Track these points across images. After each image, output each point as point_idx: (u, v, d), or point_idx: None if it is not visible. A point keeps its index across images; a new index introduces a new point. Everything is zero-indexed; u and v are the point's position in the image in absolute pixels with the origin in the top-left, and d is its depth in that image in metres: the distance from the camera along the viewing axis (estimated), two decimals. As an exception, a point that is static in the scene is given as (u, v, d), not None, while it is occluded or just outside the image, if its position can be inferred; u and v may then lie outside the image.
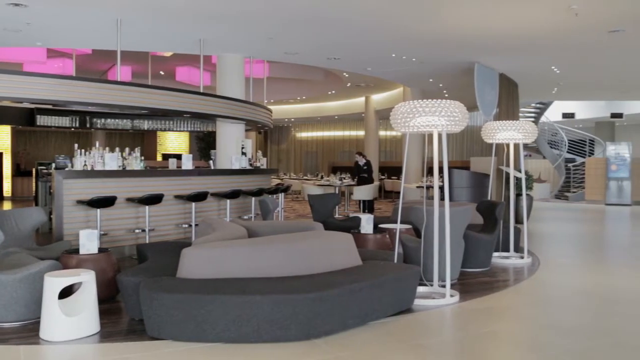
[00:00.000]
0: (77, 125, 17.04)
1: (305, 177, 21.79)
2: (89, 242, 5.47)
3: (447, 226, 5.62)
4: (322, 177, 19.38)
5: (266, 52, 11.47)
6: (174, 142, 25.63)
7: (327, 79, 17.10)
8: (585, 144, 23.19)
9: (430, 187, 12.78)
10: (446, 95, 16.55)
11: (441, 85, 15.30)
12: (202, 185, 8.99)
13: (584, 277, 7.01)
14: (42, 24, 9.01)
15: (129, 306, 4.73)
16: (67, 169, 7.82)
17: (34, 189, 11.87)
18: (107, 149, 8.35)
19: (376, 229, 7.33)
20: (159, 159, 24.00)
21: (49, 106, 14.97)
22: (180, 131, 20.43)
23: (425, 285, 5.77)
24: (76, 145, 8.14)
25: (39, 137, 23.26)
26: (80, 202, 7.36)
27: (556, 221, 13.47)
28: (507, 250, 8.06)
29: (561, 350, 4.22)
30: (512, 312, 5.48)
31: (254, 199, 9.70)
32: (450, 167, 6.73)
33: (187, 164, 9.16)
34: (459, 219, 6.19)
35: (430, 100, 5.49)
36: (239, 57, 11.27)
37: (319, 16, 8.46)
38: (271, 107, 13.58)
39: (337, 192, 13.96)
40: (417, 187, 15.13)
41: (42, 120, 16.52)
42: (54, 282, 4.31)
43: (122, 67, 10.08)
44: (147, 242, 7.75)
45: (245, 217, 9.72)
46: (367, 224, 7.07)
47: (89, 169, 7.72)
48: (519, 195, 10.72)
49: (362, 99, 21.49)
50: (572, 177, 20.99)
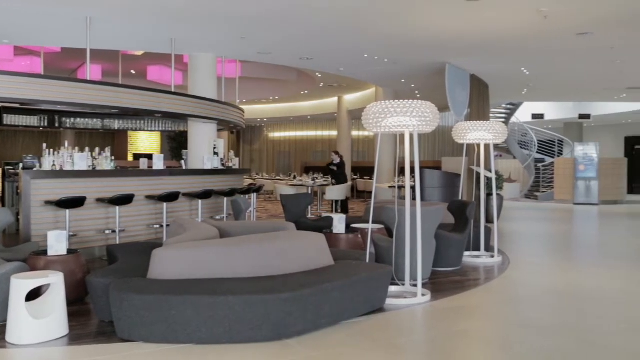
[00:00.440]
0: (46, 124, 16.73)
1: (278, 177, 21.74)
2: (57, 244, 5.38)
3: (418, 226, 5.66)
4: (294, 177, 19.35)
5: (239, 52, 11.43)
6: (146, 142, 25.39)
7: (299, 79, 17.10)
8: (554, 145, 23.55)
9: (402, 187, 12.84)
10: (418, 95, 16.67)
11: (413, 85, 15.41)
12: (174, 185, 8.92)
13: (553, 275, 7.12)
14: (9, 21, 8.84)
15: (98, 308, 4.67)
16: (35, 169, 7.68)
17: (1, 190, 11.66)
18: (76, 148, 8.23)
19: (348, 228, 7.35)
20: (130, 159, 23.77)
21: (17, 105, 14.66)
22: (151, 131, 20.23)
23: (397, 284, 5.80)
24: (45, 145, 8.01)
25: (6, 136, 22.85)
26: (48, 202, 7.24)
27: (526, 220, 13.66)
28: (478, 249, 8.15)
29: (530, 348, 4.28)
30: (483, 311, 5.54)
31: (226, 199, 9.66)
32: (422, 167, 6.79)
33: (159, 164, 9.08)
34: (430, 218, 6.24)
35: (401, 100, 5.52)
36: (211, 56, 11.21)
37: (292, 16, 8.45)
38: (244, 107, 13.53)
39: (309, 192, 13.96)
40: (389, 187, 15.22)
41: (9, 119, 16.16)
42: (21, 284, 4.23)
43: (92, 66, 9.95)
44: (117, 243, 7.67)
45: (217, 218, 9.67)
46: (339, 224, 7.08)
47: (58, 169, 7.60)
48: (489, 195, 10.85)
49: (334, 99, 21.53)
50: (541, 177, 21.30)
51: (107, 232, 7.98)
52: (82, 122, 17.08)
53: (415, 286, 5.66)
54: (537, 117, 22.79)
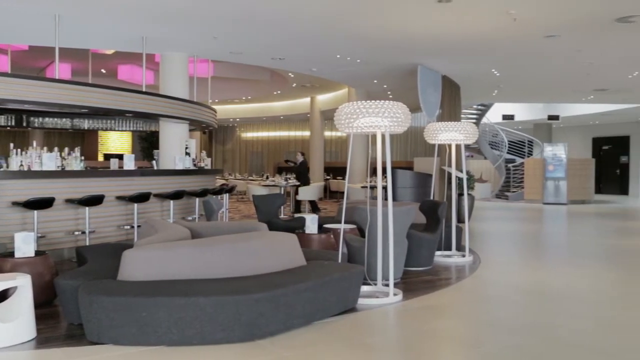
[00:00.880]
0: (13, 124, 16.41)
1: (250, 178, 21.70)
2: (24, 245, 5.29)
3: (390, 226, 5.69)
4: (267, 178, 19.32)
5: (211, 52, 11.36)
6: (116, 142, 25.11)
7: (272, 79, 17.06)
8: (524, 145, 23.88)
9: (374, 187, 12.91)
10: (390, 96, 16.76)
11: (385, 86, 15.49)
12: (145, 185, 8.83)
13: (523, 274, 7.22)
14: (-25, 18, 8.68)
15: (67, 310, 4.60)
16: (2, 170, 7.53)
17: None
18: (45, 148, 8.10)
19: (321, 229, 7.35)
20: (101, 159, 23.47)
21: (-17, 104, 14.40)
22: (122, 131, 20.01)
23: (369, 284, 5.83)
24: (12, 144, 7.86)
25: (-28, 136, 22.37)
26: (15, 203, 7.11)
27: (497, 220, 13.83)
28: (449, 249, 8.22)
29: (500, 346, 4.33)
30: (454, 310, 5.59)
31: (198, 199, 9.59)
32: (394, 168, 6.83)
33: (129, 164, 8.98)
34: (402, 218, 6.27)
35: (373, 101, 5.54)
36: (183, 56, 11.12)
37: (264, 16, 8.43)
38: (216, 107, 13.46)
39: (282, 192, 13.95)
40: (361, 187, 15.27)
41: (-25, 118, 15.86)
42: (-13, 286, 4.15)
43: (61, 65, 9.79)
44: (87, 244, 7.56)
45: (189, 218, 9.60)
46: (311, 224, 7.09)
47: (26, 169, 7.47)
48: (460, 195, 10.95)
49: (307, 100, 21.53)
50: (512, 177, 21.57)
51: (76, 233, 7.87)
52: (50, 122, 16.79)
53: (387, 286, 5.69)
54: (508, 118, 23.09)
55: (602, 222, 13.67)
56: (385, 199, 5.86)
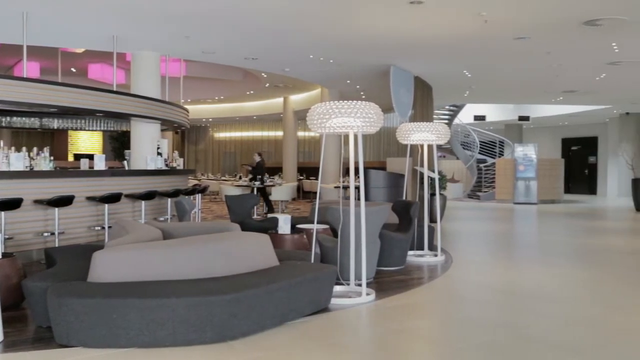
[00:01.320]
0: (-20, 123, 16.11)
1: (223, 178, 21.59)
2: (-8, 247, 5.19)
3: (363, 226, 5.71)
4: (240, 178, 19.24)
5: (183, 51, 11.28)
6: (87, 142, 24.80)
7: (245, 79, 17.00)
8: (495, 146, 24.16)
9: (347, 187, 12.95)
10: (363, 96, 16.82)
11: (358, 86, 15.54)
12: (116, 186, 8.72)
13: (494, 273, 7.31)
14: (-60, 15, 8.49)
15: (35, 313, 4.53)
16: (-32, 170, 7.39)
17: None
18: (12, 148, 7.95)
19: (294, 229, 7.35)
20: (71, 159, 23.16)
21: (-51, 103, 14.09)
22: (93, 130, 19.73)
23: (342, 284, 5.84)
24: (-22, 144, 7.72)
25: (-63, 135, 21.86)
26: (-18, 204, 6.97)
27: (468, 220, 13.97)
28: (422, 248, 8.28)
29: (471, 343, 4.38)
30: (426, 309, 5.64)
31: (170, 200, 9.52)
32: (367, 168, 6.86)
33: (100, 164, 8.87)
34: (374, 218, 6.30)
35: (345, 101, 5.56)
36: (154, 55, 11.02)
37: (236, 16, 8.40)
38: (188, 106, 13.35)
39: (255, 192, 13.90)
40: (334, 187, 15.30)
41: (-59, 117, 15.50)
42: (-47, 289, 4.07)
43: (30, 63, 9.64)
44: (56, 245, 7.44)
45: (161, 219, 9.51)
46: (284, 224, 7.08)
47: (-7, 169, 7.34)
48: (433, 194, 11.03)
49: (280, 100, 21.51)
50: (483, 177, 21.81)
51: (45, 234, 7.74)
52: (19, 121, 16.46)
53: (359, 286, 5.71)
54: (479, 118, 23.36)
55: (571, 222, 13.89)
56: (357, 199, 5.88)
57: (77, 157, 21.44)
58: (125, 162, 10.39)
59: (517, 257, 8.80)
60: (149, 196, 8.83)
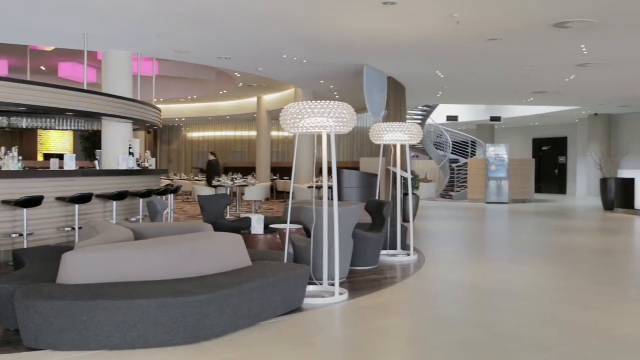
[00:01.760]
0: (-54, 122, 15.76)
1: (196, 178, 21.45)
2: (-42, 249, 5.09)
3: (336, 226, 5.71)
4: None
5: (155, 50, 11.17)
6: (57, 141, 24.44)
7: (219, 78, 16.92)
8: (468, 146, 24.39)
9: (320, 188, 12.94)
10: (337, 97, 16.85)
11: (332, 87, 15.56)
12: (87, 186, 8.61)
13: (466, 272, 7.38)
14: None
15: (3, 316, 4.43)
16: None
17: None
18: (-21, 148, 7.81)
19: (267, 229, 7.33)
20: (41, 159, 22.80)
21: None
22: (63, 130, 19.42)
23: (315, 284, 5.84)
24: (-56, 144, 7.56)
25: None
26: (-52, 205, 6.83)
27: (441, 220, 14.08)
28: (395, 248, 8.32)
29: (444, 341, 4.41)
30: (399, 308, 5.67)
31: (142, 200, 9.42)
32: (340, 168, 6.86)
33: (70, 164, 8.75)
34: (348, 218, 6.31)
35: (319, 101, 5.56)
36: (126, 54, 10.90)
37: (208, 15, 8.35)
38: (161, 106, 13.25)
39: (228, 193, 13.84)
40: (308, 187, 15.30)
41: None
42: None
43: (-3, 61, 9.47)
44: (25, 247, 7.32)
45: (132, 220, 9.42)
46: (257, 224, 7.06)
47: (-41, 169, 7.19)
48: (406, 194, 11.11)
49: (254, 100, 21.44)
50: (456, 177, 21.99)
51: (13, 236, 7.59)
52: (-14, 121, 16.17)
53: (333, 285, 5.72)
54: (452, 119, 23.57)
55: (542, 221, 14.09)
56: (331, 199, 5.88)
57: (47, 157, 21.12)
58: (96, 162, 10.26)
59: (489, 256, 8.89)
60: (120, 196, 8.73)
